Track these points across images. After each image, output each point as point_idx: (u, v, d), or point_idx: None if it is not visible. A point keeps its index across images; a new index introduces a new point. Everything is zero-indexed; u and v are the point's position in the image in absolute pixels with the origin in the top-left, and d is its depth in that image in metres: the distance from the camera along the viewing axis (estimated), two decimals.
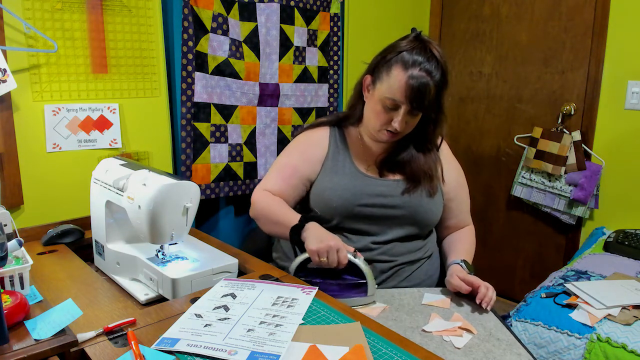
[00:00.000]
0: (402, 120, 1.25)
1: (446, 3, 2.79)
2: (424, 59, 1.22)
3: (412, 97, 1.22)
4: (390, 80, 1.24)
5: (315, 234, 1.20)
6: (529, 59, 2.53)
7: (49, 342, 0.82)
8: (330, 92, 2.22)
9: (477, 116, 2.75)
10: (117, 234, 1.24)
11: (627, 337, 1.41)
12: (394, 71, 1.24)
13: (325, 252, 1.15)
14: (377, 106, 1.28)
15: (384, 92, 1.25)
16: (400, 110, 1.24)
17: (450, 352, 1.02)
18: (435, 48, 1.24)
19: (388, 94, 1.24)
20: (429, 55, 1.22)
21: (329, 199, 1.33)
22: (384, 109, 1.26)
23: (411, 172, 1.36)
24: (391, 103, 1.24)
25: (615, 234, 2.12)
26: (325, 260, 1.15)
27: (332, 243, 1.15)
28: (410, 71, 1.21)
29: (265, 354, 0.83)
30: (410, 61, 1.22)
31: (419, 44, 1.24)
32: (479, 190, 2.76)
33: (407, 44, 1.25)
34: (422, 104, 1.23)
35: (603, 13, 2.26)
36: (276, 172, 1.41)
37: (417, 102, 1.22)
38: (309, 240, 1.18)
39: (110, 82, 1.64)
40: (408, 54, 1.23)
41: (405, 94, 1.22)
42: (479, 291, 1.20)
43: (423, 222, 1.36)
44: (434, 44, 1.26)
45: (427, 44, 1.24)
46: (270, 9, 1.94)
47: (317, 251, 1.15)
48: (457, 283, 1.23)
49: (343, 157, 1.39)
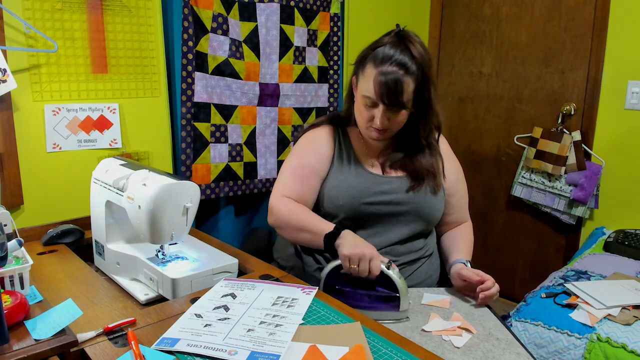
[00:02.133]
0: (382, 117, 1.24)
1: (446, 3, 2.79)
2: (396, 53, 1.20)
3: (383, 93, 1.20)
4: (365, 78, 1.24)
5: (351, 241, 1.18)
6: (529, 59, 2.53)
7: (49, 342, 0.82)
8: (330, 92, 2.22)
9: (477, 116, 2.75)
10: (117, 234, 1.24)
11: (627, 337, 1.41)
12: (367, 69, 1.23)
13: (358, 259, 1.13)
14: (360, 105, 1.28)
15: (362, 90, 1.26)
16: (379, 107, 1.24)
17: (450, 351, 1.02)
18: (412, 41, 1.22)
19: (365, 92, 1.24)
20: (402, 49, 1.20)
21: (335, 197, 1.33)
22: (365, 107, 1.26)
23: (414, 169, 1.36)
24: (369, 101, 1.24)
25: (615, 234, 2.12)
26: (356, 268, 1.13)
27: (366, 251, 1.13)
28: (381, 67, 1.20)
29: (265, 354, 0.83)
30: (381, 57, 1.21)
31: (396, 39, 1.23)
32: (479, 190, 2.76)
33: (385, 40, 1.24)
34: (395, 99, 1.21)
35: (603, 13, 2.26)
36: (292, 175, 1.36)
37: (389, 98, 1.20)
38: (344, 247, 1.17)
39: (110, 82, 1.64)
40: (381, 49, 1.22)
41: (375, 90, 1.21)
42: (485, 283, 1.21)
43: (427, 218, 1.36)
44: (413, 37, 1.23)
45: (403, 38, 1.22)
46: (270, 9, 1.94)
47: (349, 256, 1.14)
48: (467, 273, 1.24)
49: (347, 156, 1.38)
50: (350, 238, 1.20)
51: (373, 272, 1.13)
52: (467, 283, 1.25)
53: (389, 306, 1.15)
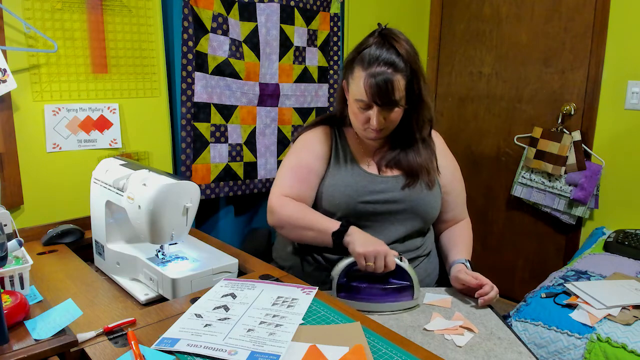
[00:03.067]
0: (378, 117, 1.25)
1: (446, 3, 2.79)
2: (383, 52, 1.20)
3: (376, 94, 1.21)
4: (355, 82, 1.25)
5: (361, 238, 1.20)
6: (529, 59, 2.53)
7: (49, 342, 0.82)
8: (330, 92, 2.22)
9: (477, 116, 2.75)
10: (117, 234, 1.23)
11: (627, 337, 1.41)
12: (355, 72, 1.24)
13: (373, 257, 1.15)
14: (354, 108, 1.29)
15: (354, 94, 1.27)
16: (373, 109, 1.24)
17: (452, 350, 1.02)
18: (396, 39, 1.22)
19: (357, 96, 1.25)
20: (388, 47, 1.21)
21: (332, 196, 1.34)
22: (360, 110, 1.27)
23: (408, 166, 1.36)
24: (362, 104, 1.25)
25: (615, 234, 2.12)
26: (372, 265, 1.15)
27: (380, 248, 1.16)
28: (370, 69, 1.21)
29: (265, 354, 0.83)
30: (368, 58, 1.21)
31: (380, 39, 1.23)
32: (479, 190, 2.76)
33: (370, 41, 1.24)
34: (388, 98, 1.22)
35: (603, 13, 2.26)
36: (291, 175, 1.37)
37: (382, 98, 1.21)
38: (356, 244, 1.18)
39: (110, 82, 1.64)
40: (367, 51, 1.22)
41: (367, 93, 1.22)
42: (483, 288, 1.21)
43: (424, 215, 1.37)
44: (397, 34, 1.24)
45: (387, 37, 1.23)
46: (270, 9, 1.94)
47: (364, 254, 1.16)
48: (466, 277, 1.24)
49: (344, 155, 1.39)
50: (359, 235, 1.21)
51: (389, 267, 1.16)
52: (466, 286, 1.26)
53: (403, 296, 1.19)
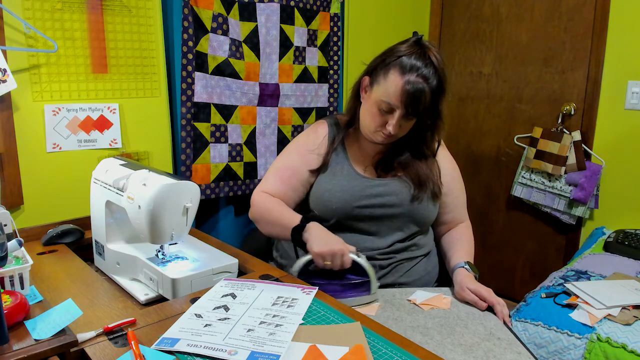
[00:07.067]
0: (397, 123, 1.26)
1: (446, 3, 2.79)
2: (422, 65, 1.22)
3: (408, 102, 1.22)
4: (387, 84, 1.25)
5: (318, 236, 1.21)
6: (529, 59, 2.53)
7: (49, 342, 0.82)
8: (330, 92, 2.22)
9: (477, 116, 2.75)
10: (117, 234, 1.23)
11: (627, 337, 1.41)
12: (391, 75, 1.24)
13: (330, 256, 1.17)
14: (373, 108, 1.28)
15: (380, 95, 1.26)
16: (395, 114, 1.25)
17: (451, 350, 1.02)
18: (434, 54, 1.24)
19: (384, 97, 1.25)
20: (427, 62, 1.23)
21: (328, 201, 1.34)
22: (380, 111, 1.27)
23: (408, 175, 1.37)
24: (387, 106, 1.25)
25: (615, 234, 2.12)
26: (329, 264, 1.17)
27: (336, 248, 1.17)
28: (407, 76, 1.22)
29: (265, 354, 0.83)
30: (408, 66, 1.22)
31: (419, 49, 1.24)
32: (479, 190, 2.76)
33: (407, 49, 1.25)
34: (417, 109, 1.24)
35: (603, 13, 2.26)
36: (275, 174, 1.41)
37: (412, 107, 1.23)
38: (313, 243, 1.19)
39: (110, 82, 1.64)
40: (407, 59, 1.23)
41: (400, 98, 1.23)
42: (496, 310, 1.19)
43: (421, 219, 1.37)
44: (434, 49, 1.25)
45: (426, 49, 1.24)
46: (270, 9, 1.94)
47: (321, 255, 1.17)
48: (471, 298, 1.22)
49: (341, 159, 1.39)
50: (317, 232, 1.22)
51: (345, 265, 1.18)
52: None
53: (360, 291, 1.21)
